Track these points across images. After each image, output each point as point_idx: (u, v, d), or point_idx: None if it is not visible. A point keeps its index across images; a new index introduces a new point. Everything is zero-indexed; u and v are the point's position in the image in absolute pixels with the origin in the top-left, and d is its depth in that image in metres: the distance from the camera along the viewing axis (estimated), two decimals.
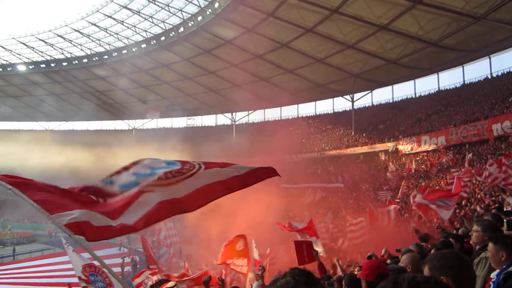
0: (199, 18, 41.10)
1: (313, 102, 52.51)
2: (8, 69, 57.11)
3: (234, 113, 58.78)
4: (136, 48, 48.63)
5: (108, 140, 56.68)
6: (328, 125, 49.41)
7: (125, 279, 22.34)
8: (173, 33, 44.35)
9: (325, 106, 56.88)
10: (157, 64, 49.07)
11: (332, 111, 51.63)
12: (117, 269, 26.01)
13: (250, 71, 44.60)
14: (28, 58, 55.18)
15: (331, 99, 50.87)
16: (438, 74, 41.35)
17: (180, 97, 55.94)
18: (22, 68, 56.20)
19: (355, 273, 5.10)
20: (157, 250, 15.29)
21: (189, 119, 62.92)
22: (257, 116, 58.33)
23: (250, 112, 57.64)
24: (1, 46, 52.23)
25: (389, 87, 45.61)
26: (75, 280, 9.61)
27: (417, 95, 43.89)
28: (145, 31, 46.33)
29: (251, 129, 53.23)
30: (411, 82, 43.68)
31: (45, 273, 28.14)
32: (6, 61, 55.93)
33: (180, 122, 64.11)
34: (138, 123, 66.98)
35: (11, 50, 53.11)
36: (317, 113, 53.10)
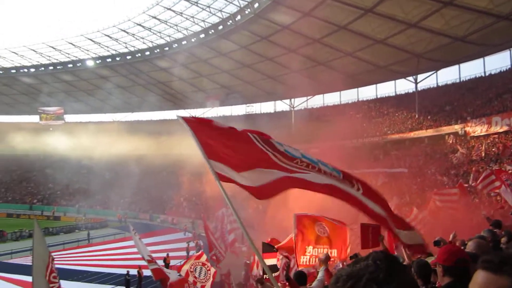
0: (256, 5, 41.05)
1: (374, 85, 51.01)
2: (78, 64, 60.53)
3: (292, 99, 58.53)
4: (195, 39, 49.60)
5: (171, 129, 58.58)
6: (390, 108, 47.85)
7: None
8: (230, 21, 44.73)
9: (386, 88, 55.20)
10: (216, 53, 49.79)
11: (394, 94, 49.93)
12: (182, 253, 27.03)
13: (307, 56, 44.08)
14: (96, 53, 58.08)
15: (393, 81, 49.20)
16: (510, 50, 38.61)
17: (238, 85, 56.52)
18: (90, 63, 59.32)
19: (423, 259, 4.95)
20: (220, 235, 15.77)
21: (248, 106, 63.50)
22: (316, 101, 57.70)
23: (308, 97, 57.12)
24: (71, 43, 55.36)
25: (456, 67, 43.25)
26: (145, 263, 10.14)
27: (487, 74, 41.32)
28: (203, 21, 47.07)
29: (310, 115, 52.77)
30: (480, 60, 41.22)
31: (117, 255, 29.83)
32: (76, 57, 59.30)
33: (239, 109, 64.94)
34: (198, 112, 68.58)
35: (80, 47, 56.17)
36: (378, 96, 51.58)
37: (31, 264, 5.76)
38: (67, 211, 55.18)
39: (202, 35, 48.71)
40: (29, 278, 6.21)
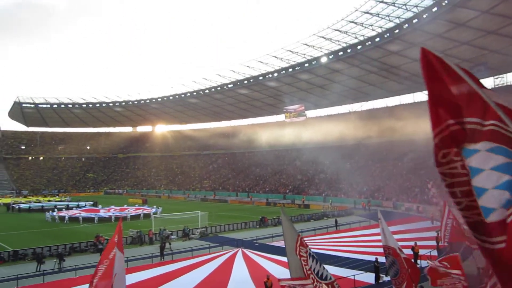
0: None
1: None
2: (313, 62, 64.34)
3: None
4: (426, 14, 46.17)
5: (405, 114, 56.64)
6: None
7: (442, 252, 21.74)
8: None
9: None
10: (452, 25, 45.27)
11: None
12: (431, 243, 25.54)
13: None
14: (328, 49, 60.50)
15: None
16: None
17: (482, 55, 50.07)
18: (324, 59, 62.23)
19: None
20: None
21: (496, 78, 55.67)
22: None
23: None
24: (306, 44, 59.27)
25: None
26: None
27: None
28: None
29: None
30: None
31: (364, 242, 30.54)
32: (311, 56, 63.16)
33: (486, 83, 57.45)
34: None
35: (313, 46, 59.58)
36: None
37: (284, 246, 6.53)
38: (315, 199, 59.46)
39: (435, 9, 44.91)
40: (285, 258, 6.98)
